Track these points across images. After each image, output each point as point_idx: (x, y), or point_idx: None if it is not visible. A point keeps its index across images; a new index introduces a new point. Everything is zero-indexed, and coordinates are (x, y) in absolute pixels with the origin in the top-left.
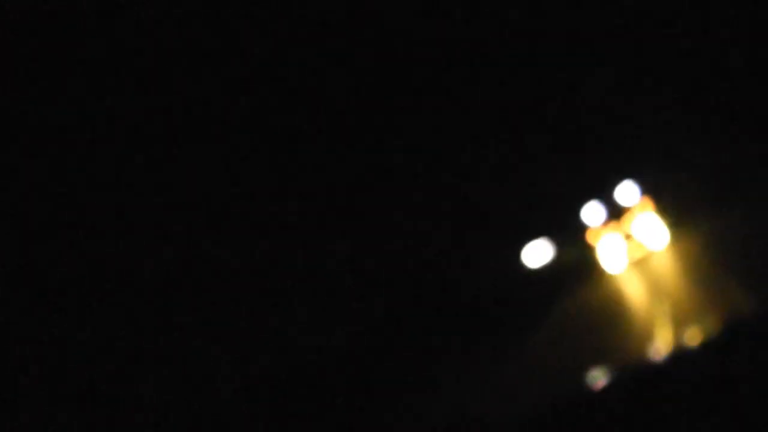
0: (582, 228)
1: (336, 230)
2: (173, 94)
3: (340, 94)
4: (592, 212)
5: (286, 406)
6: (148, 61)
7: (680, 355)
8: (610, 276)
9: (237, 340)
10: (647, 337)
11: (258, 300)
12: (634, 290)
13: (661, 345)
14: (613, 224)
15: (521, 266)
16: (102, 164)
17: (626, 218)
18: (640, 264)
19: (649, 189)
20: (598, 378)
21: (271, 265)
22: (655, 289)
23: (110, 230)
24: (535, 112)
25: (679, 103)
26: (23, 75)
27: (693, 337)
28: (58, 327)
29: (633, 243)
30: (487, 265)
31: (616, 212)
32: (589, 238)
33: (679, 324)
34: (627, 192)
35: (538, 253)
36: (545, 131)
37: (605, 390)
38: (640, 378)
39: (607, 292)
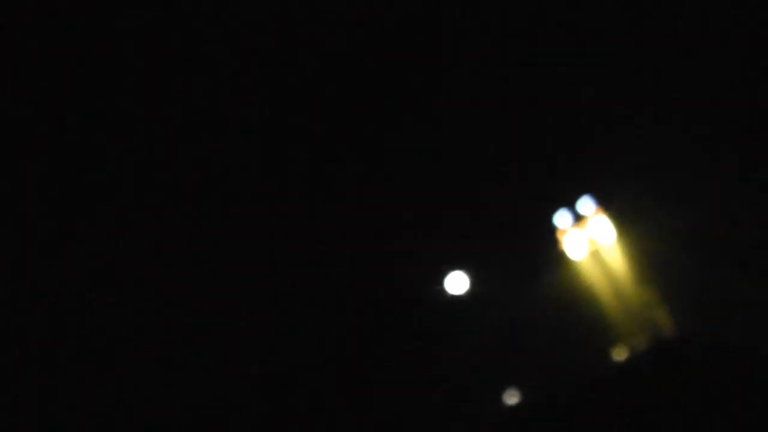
0: (554, 229)
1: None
2: (171, 94)
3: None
4: (561, 218)
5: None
6: (147, 61)
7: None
8: (574, 262)
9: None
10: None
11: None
12: (591, 273)
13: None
14: (576, 226)
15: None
16: (100, 164)
17: (585, 222)
18: (596, 254)
19: (602, 201)
20: (513, 396)
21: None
22: (606, 272)
23: (107, 229)
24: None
25: (629, 124)
26: (23, 75)
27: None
28: (57, 325)
29: (590, 239)
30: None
31: (578, 217)
32: (559, 235)
33: (624, 302)
34: (586, 203)
35: (457, 282)
36: (528, 158)
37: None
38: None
39: (571, 274)
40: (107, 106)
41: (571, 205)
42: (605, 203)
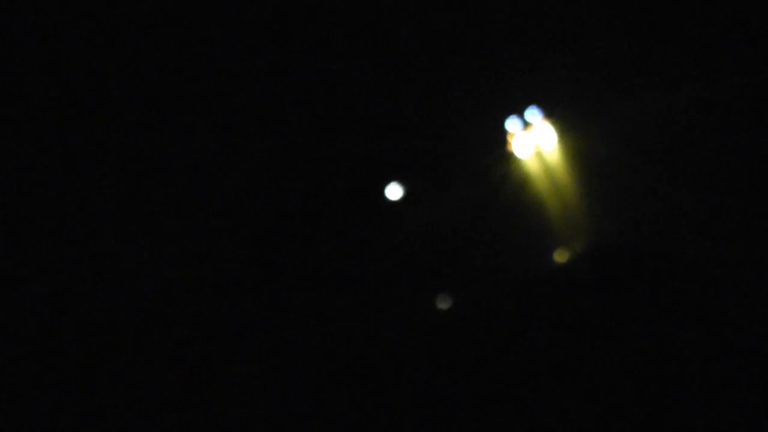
0: (506, 132)
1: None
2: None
3: None
4: (512, 123)
5: None
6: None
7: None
8: (521, 160)
9: None
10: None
11: None
12: (536, 169)
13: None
14: (524, 130)
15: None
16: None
17: (532, 127)
18: (539, 154)
19: (546, 110)
20: (446, 300)
21: None
22: (548, 171)
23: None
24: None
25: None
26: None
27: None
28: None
29: (535, 142)
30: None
31: (526, 124)
32: (510, 137)
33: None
34: (533, 111)
35: (395, 191)
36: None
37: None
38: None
39: (519, 169)
40: (105, 105)
41: (520, 112)
42: (549, 112)
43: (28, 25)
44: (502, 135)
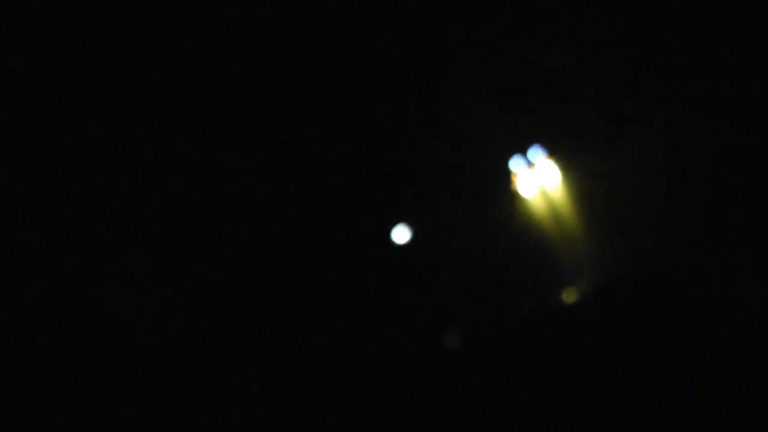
0: (510, 172)
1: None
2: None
3: None
4: (516, 163)
5: None
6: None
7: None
8: (525, 199)
9: None
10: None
11: None
12: (540, 208)
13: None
14: (528, 169)
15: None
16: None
17: (536, 166)
18: (543, 193)
19: (549, 150)
20: (455, 339)
21: None
22: (553, 207)
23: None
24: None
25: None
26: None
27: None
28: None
29: (539, 181)
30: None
31: (529, 163)
32: (514, 177)
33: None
34: (536, 151)
35: (402, 233)
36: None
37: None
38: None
39: (523, 208)
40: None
41: (523, 152)
42: (552, 151)
43: (28, 25)
44: (506, 174)
